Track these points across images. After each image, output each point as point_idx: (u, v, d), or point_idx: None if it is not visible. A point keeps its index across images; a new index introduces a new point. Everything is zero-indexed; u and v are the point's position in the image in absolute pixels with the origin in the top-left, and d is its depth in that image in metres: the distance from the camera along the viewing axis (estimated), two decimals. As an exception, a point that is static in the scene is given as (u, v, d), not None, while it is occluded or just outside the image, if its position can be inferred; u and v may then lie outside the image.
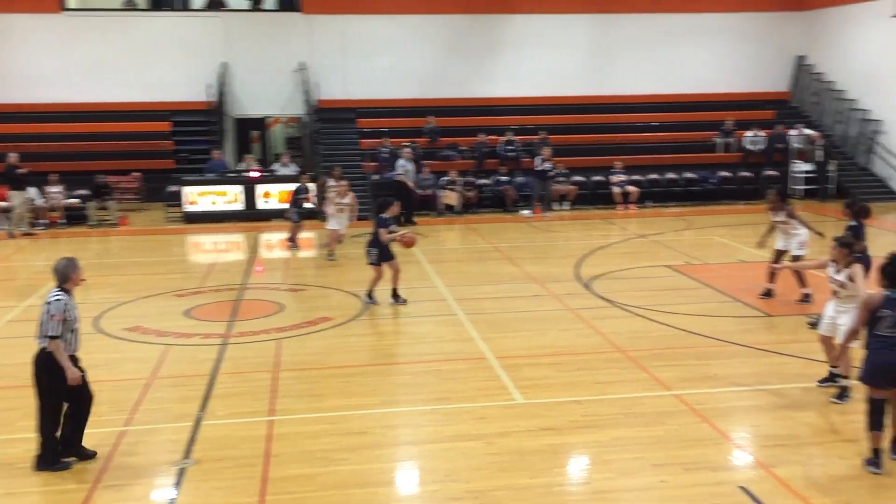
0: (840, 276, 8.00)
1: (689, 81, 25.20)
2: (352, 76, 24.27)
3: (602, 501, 6.22)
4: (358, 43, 24.24)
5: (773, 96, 25.83)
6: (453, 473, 6.67)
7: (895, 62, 22.12)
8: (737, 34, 25.43)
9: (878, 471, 6.45)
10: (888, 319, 6.36)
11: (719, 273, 13.79)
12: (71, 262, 6.83)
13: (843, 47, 24.23)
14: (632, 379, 8.76)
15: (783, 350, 9.64)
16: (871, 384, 6.48)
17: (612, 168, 22.12)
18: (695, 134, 24.10)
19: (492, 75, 24.83)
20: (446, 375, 9.06)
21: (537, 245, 17.41)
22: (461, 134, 23.30)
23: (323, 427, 7.62)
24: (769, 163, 22.88)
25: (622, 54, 25.11)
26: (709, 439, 7.24)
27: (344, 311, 11.75)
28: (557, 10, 24.84)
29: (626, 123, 24.68)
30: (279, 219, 20.28)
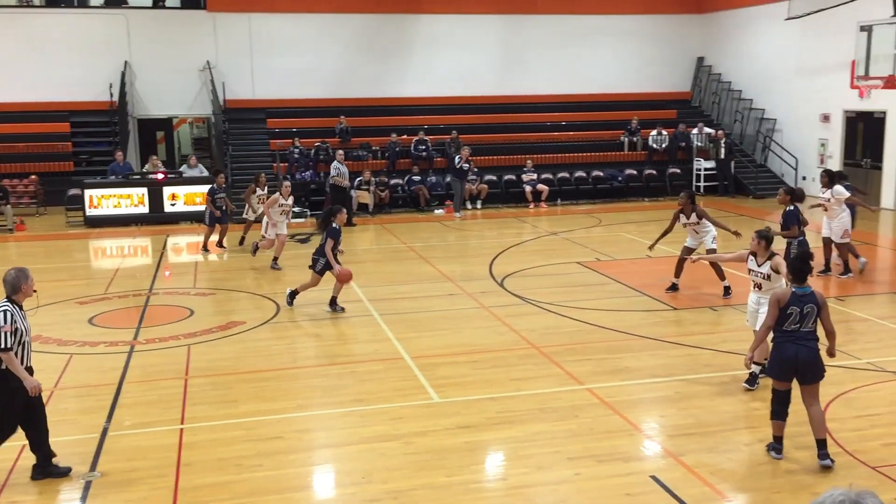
0: (763, 268, 8.23)
1: (595, 82, 25.79)
2: (260, 76, 23.88)
3: (519, 496, 6.30)
4: (266, 42, 23.87)
5: (675, 96, 26.68)
6: (371, 475, 6.65)
7: (789, 63, 23.16)
8: (641, 36, 26.16)
9: (778, 456, 6.73)
10: (794, 316, 6.53)
11: (628, 268, 14.16)
12: (21, 273, 6.54)
13: (739, 49, 25.22)
14: (546, 374, 8.90)
15: (689, 342, 9.96)
16: (775, 377, 6.72)
17: (523, 167, 22.44)
18: (602, 133, 24.68)
19: (403, 75, 24.84)
20: (362, 377, 9.02)
21: (451, 244, 17.51)
22: (373, 134, 23.22)
23: (236, 433, 7.48)
24: (672, 161, 23.62)
25: (531, 55, 25.50)
26: (620, 431, 7.42)
27: (257, 315, 11.56)
28: (467, 11, 25.03)
29: (536, 123, 25.07)
30: (188, 221, 19.84)
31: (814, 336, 6.58)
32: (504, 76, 25.43)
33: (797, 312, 6.53)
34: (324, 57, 24.15)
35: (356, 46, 24.47)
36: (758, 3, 24.03)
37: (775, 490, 6.33)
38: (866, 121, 20.92)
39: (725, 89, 25.72)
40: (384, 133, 22.93)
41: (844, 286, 12.70)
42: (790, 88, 23.10)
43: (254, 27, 23.83)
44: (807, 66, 22.45)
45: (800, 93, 22.71)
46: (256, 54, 23.86)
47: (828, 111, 21.87)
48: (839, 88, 19.93)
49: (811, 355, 6.51)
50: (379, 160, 22.53)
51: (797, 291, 6.61)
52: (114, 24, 23.23)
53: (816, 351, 6.55)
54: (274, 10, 23.89)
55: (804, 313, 6.53)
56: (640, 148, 24.02)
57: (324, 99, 24.26)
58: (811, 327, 6.57)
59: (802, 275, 6.67)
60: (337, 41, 24.34)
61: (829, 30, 20.75)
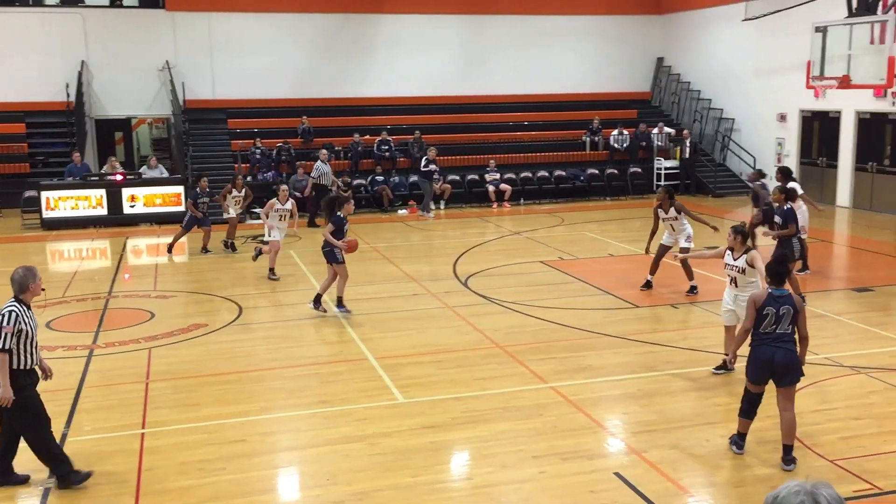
0: (739, 262, 8.32)
1: (557, 82, 25.96)
2: (221, 76, 23.65)
3: (483, 495, 6.31)
4: (226, 41, 23.64)
5: (635, 96, 26.95)
6: (335, 476, 6.62)
7: (746, 64, 23.52)
8: (601, 36, 26.38)
9: (739, 451, 6.81)
10: (770, 317, 6.55)
11: (590, 267, 14.27)
12: (30, 272, 6.41)
13: (698, 49, 25.56)
14: (510, 373, 8.93)
15: (650, 339, 10.07)
16: (751, 379, 6.70)
17: (485, 167, 22.50)
18: (564, 133, 24.84)
19: (365, 75, 24.76)
20: (326, 378, 8.97)
21: (414, 244, 17.50)
22: (335, 134, 23.12)
23: (199, 437, 7.40)
24: (634, 160, 23.86)
25: (493, 55, 25.57)
26: (584, 428, 7.47)
27: (219, 317, 11.44)
28: (429, 11, 25.04)
29: (499, 123, 25.15)
30: (148, 223, 19.58)
31: (790, 338, 6.56)
32: (466, 76, 25.48)
33: (773, 314, 6.53)
34: (285, 57, 23.99)
35: (318, 46, 24.35)
36: (716, 4, 24.37)
37: (737, 484, 6.43)
38: (822, 120, 21.32)
39: (685, 89, 26.04)
40: (347, 133, 22.84)
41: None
42: (748, 88, 23.46)
43: (214, 26, 23.59)
44: (764, 66, 22.82)
45: (757, 93, 23.07)
46: (217, 54, 23.62)
47: (784, 111, 22.26)
48: (795, 88, 20.28)
49: (787, 357, 6.50)
50: (341, 160, 22.42)
51: (774, 293, 6.61)
52: (70, 23, 22.83)
53: (793, 353, 6.54)
54: (234, 9, 23.67)
55: (780, 315, 6.52)
56: (601, 147, 24.22)
57: (285, 99, 24.10)
58: (788, 329, 6.54)
59: (780, 277, 6.68)
60: (298, 41, 24.19)
61: (785, 31, 21.11)
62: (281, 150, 21.86)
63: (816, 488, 2.13)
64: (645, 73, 27.20)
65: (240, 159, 21.58)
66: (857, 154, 20.30)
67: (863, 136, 20.20)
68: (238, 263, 15.32)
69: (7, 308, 6.25)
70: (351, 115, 24.16)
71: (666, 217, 12.00)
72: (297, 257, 15.49)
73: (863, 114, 20.06)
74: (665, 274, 12.47)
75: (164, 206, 19.92)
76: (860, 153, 20.25)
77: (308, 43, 24.29)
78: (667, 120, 25.35)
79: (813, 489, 2.13)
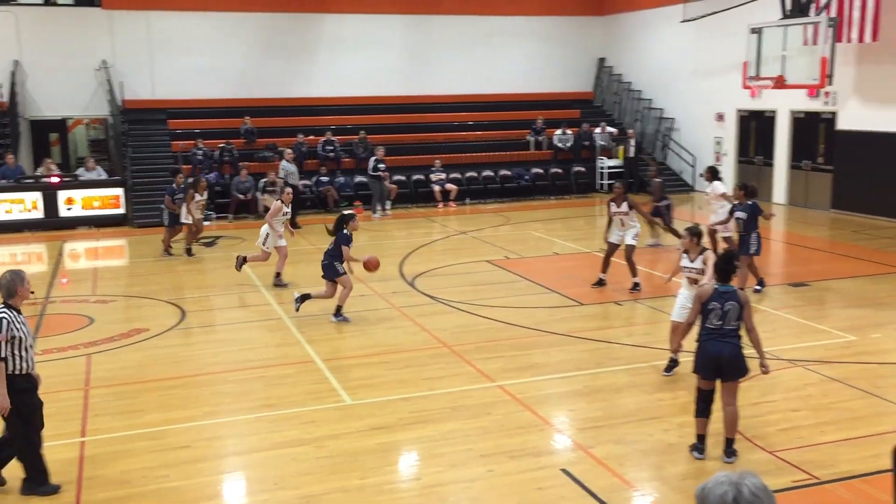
0: (696, 263, 8.40)
1: (501, 82, 26.10)
2: (160, 75, 23.20)
3: (433, 495, 6.32)
4: (165, 40, 23.20)
5: (578, 96, 27.25)
6: (282, 480, 6.55)
7: (685, 64, 23.97)
8: (544, 37, 26.62)
9: (700, 456, 6.77)
10: (716, 312, 6.63)
11: (536, 266, 14.39)
12: (17, 275, 6.21)
13: (639, 50, 25.96)
14: (458, 373, 8.95)
15: (596, 336, 10.20)
16: (699, 374, 6.77)
17: (431, 167, 22.51)
18: (508, 133, 24.99)
19: (309, 75, 24.57)
20: (272, 381, 8.88)
21: (360, 245, 17.35)
22: (279, 135, 22.88)
23: (142, 444, 7.25)
24: (577, 159, 24.12)
25: (437, 55, 25.61)
26: (531, 426, 7.53)
27: (161, 321, 11.22)
28: (373, 11, 24.95)
29: (444, 123, 25.20)
30: (86, 226, 19.12)
31: (736, 334, 6.64)
32: (411, 76, 25.46)
33: (718, 308, 6.60)
34: (226, 56, 23.66)
35: (260, 46, 24.07)
36: (655, 5, 24.79)
37: (681, 478, 6.54)
38: (758, 119, 21.85)
39: (626, 89, 26.43)
40: (290, 134, 22.61)
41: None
42: (687, 88, 23.92)
43: (152, 25, 23.12)
44: (702, 67, 23.30)
45: (696, 93, 23.54)
46: (156, 53, 23.16)
47: (722, 110, 22.75)
48: (732, 89, 20.73)
49: (734, 352, 6.58)
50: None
51: (719, 289, 6.70)
52: (2, 22, 22.12)
53: (739, 348, 6.62)
54: (173, 7, 23.24)
55: (725, 310, 6.60)
56: (545, 147, 24.43)
57: (227, 99, 23.76)
58: (734, 325, 6.62)
59: (726, 274, 6.75)
60: (240, 40, 23.88)
61: (722, 32, 21.58)
62: (223, 151, 21.54)
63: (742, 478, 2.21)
64: (587, 73, 27.52)
65: (181, 160, 21.20)
66: (792, 152, 20.86)
67: (797, 135, 20.76)
68: (181, 266, 15.06)
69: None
70: (295, 115, 23.93)
71: (617, 211, 12.19)
72: (241, 259, 15.30)
73: (797, 113, 20.62)
74: (610, 271, 12.62)
75: (102, 209, 19.48)
76: (795, 151, 20.80)
77: (250, 42, 24.00)
78: (609, 120, 25.69)
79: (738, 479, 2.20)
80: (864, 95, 18.63)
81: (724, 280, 6.75)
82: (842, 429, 7.34)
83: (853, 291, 12.26)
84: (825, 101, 19.49)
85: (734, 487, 2.19)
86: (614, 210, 12.25)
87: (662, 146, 24.85)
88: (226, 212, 20.27)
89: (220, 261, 15.40)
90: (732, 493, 2.19)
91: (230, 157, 21.46)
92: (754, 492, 2.18)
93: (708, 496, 2.22)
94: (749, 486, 2.19)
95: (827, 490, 6.25)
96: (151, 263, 15.21)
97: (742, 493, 2.18)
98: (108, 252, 17.41)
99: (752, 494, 2.17)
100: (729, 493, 2.19)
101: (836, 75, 16.54)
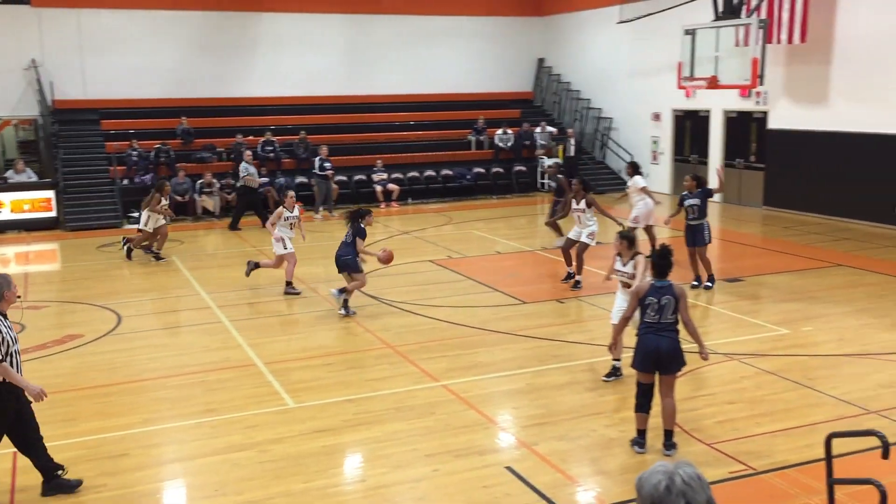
0: (628, 267, 8.43)
1: (442, 82, 26.16)
2: (92, 74, 22.62)
3: (378, 497, 6.29)
4: (97, 39, 22.62)
5: (518, 96, 27.48)
6: (224, 486, 6.45)
7: (622, 65, 24.35)
8: (484, 37, 26.76)
9: (641, 450, 6.88)
10: (653, 306, 6.74)
11: (478, 265, 14.45)
12: (4, 279, 6.01)
13: (577, 51, 26.29)
14: (402, 373, 8.94)
15: (538, 334, 10.29)
16: (638, 369, 6.86)
17: (373, 167, 22.43)
18: (450, 132, 25.05)
19: (247, 75, 24.24)
20: (213, 386, 8.73)
21: (302, 246, 17.20)
22: (217, 135, 22.53)
23: (78, 453, 7.06)
24: (518, 159, 24.31)
25: (378, 55, 25.53)
26: (476, 425, 7.56)
27: (96, 327, 10.95)
28: (311, 10, 24.74)
29: (385, 123, 25.13)
30: (15, 230, 18.54)
31: (674, 328, 6.76)
32: (351, 76, 25.33)
33: (655, 303, 6.71)
34: (161, 55, 23.19)
35: (196, 45, 23.65)
36: (592, 6, 25.12)
37: (622, 472, 6.64)
38: (693, 119, 22.32)
39: (565, 89, 26.74)
40: (229, 134, 22.28)
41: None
42: (624, 88, 24.30)
43: (84, 23, 22.53)
44: (638, 67, 23.69)
45: (633, 93, 23.94)
46: (87, 52, 22.57)
47: (658, 110, 23.18)
48: (668, 89, 21.10)
49: (672, 346, 6.69)
50: (224, 162, 21.87)
51: (656, 284, 6.81)
52: (-77, 17, 21.34)
53: (677, 342, 6.74)
54: (104, 5, 22.68)
55: (662, 304, 6.70)
56: (486, 147, 24.56)
57: (162, 99, 23.29)
58: (671, 319, 6.73)
59: (662, 270, 6.86)
60: (175, 39, 23.43)
61: (657, 33, 21.98)
62: (159, 152, 21.13)
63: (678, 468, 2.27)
64: (527, 73, 27.76)
65: (115, 162, 20.71)
66: (725, 151, 21.36)
67: (730, 134, 21.27)
68: (115, 270, 14.72)
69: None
70: (233, 115, 23.59)
71: (576, 208, 12.46)
72: (178, 262, 15.02)
73: (730, 113, 21.12)
74: (550, 270, 12.75)
75: (32, 212, 18.95)
76: (728, 150, 21.31)
77: (185, 41, 23.56)
78: (549, 119, 25.95)
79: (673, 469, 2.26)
80: (794, 95, 19.19)
81: (660, 276, 6.86)
82: (776, 420, 7.54)
83: (785, 286, 12.62)
84: (757, 100, 20.01)
85: (667, 477, 2.25)
86: (574, 206, 12.49)
87: (601, 145, 25.21)
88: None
89: (156, 264, 15.08)
90: (665, 482, 2.25)
91: (166, 157, 21.06)
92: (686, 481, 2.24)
93: (644, 485, 2.29)
94: (682, 475, 2.25)
95: (763, 480, 6.41)
96: (85, 268, 14.82)
97: (674, 482, 2.24)
98: (40, 256, 16.91)
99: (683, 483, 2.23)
100: (662, 482, 2.25)
101: (767, 76, 17.01)
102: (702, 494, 2.23)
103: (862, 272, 13.32)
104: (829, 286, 12.46)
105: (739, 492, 6.25)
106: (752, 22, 16.23)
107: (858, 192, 17.67)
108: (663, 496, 2.23)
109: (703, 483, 2.25)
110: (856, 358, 9.22)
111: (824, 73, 18.24)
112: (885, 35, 16.82)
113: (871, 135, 17.32)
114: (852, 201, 17.86)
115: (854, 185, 17.75)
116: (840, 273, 13.31)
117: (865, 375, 8.67)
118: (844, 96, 17.91)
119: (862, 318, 10.72)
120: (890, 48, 16.76)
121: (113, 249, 15.55)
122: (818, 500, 5.93)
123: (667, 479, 2.25)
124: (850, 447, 6.42)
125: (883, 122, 17.04)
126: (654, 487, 2.25)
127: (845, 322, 10.59)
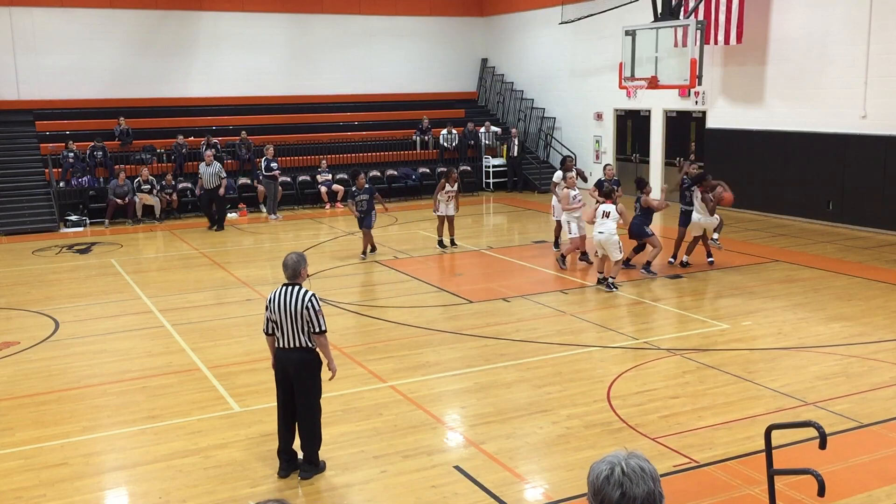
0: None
1: (386, 82, 26.10)
2: (26, 74, 21.99)
3: (327, 499, 6.24)
4: (30, 37, 22.00)
5: (462, 96, 27.56)
6: (168, 494, 6.32)
7: (564, 65, 24.61)
8: (427, 37, 26.78)
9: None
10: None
11: (424, 265, 14.44)
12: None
13: (520, 51, 26.47)
14: (349, 375, 8.87)
15: (484, 333, 10.32)
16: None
17: (317, 167, 22.26)
18: (394, 132, 24.99)
19: (187, 74, 23.84)
20: (155, 391, 8.56)
21: (246, 248, 17.02)
22: (157, 136, 22.11)
23: (14, 464, 6.85)
24: (463, 159, 24.37)
25: (320, 54, 25.35)
26: (424, 425, 7.55)
27: (32, 333, 10.64)
28: (251, 9, 24.45)
29: (329, 123, 24.96)
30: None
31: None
32: (293, 76, 25.11)
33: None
34: (97, 54, 22.66)
35: (134, 44, 23.17)
36: (534, 7, 25.33)
37: (569, 468, 6.70)
38: (634, 118, 22.66)
39: (509, 89, 26.90)
40: (169, 135, 21.89)
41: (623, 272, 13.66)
42: (566, 88, 24.56)
43: (16, 21, 21.89)
44: (580, 67, 23.97)
45: (575, 92, 24.20)
46: (20, 51, 21.93)
47: (600, 110, 23.48)
48: (609, 89, 21.41)
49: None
50: (165, 163, 21.47)
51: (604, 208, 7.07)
52: None
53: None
54: (37, 3, 22.07)
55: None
56: (431, 147, 24.57)
57: (100, 99, 22.78)
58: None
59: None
60: (112, 38, 22.91)
61: (598, 34, 22.26)
62: (94, 149, 20.61)
63: (625, 458, 2.30)
64: (470, 73, 27.85)
65: (50, 164, 20.17)
66: (665, 150, 21.74)
67: (670, 133, 21.65)
68: (52, 275, 14.33)
69: None
70: (173, 115, 23.18)
71: (450, 190, 13.06)
72: (118, 265, 14.69)
73: (670, 112, 21.50)
74: (498, 268, 12.80)
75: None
76: (669, 149, 21.69)
77: (122, 40, 23.06)
78: (493, 119, 26.08)
79: (620, 460, 2.30)
80: (731, 95, 19.62)
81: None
82: (718, 413, 7.69)
83: (725, 281, 12.89)
84: (695, 100, 20.41)
85: (610, 467, 2.29)
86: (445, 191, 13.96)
87: (545, 145, 25.42)
88: (101, 217, 19.43)
89: (94, 268, 14.74)
90: (606, 472, 2.29)
91: (102, 154, 20.53)
92: (626, 472, 2.28)
93: (590, 473, 2.34)
94: (624, 466, 2.29)
95: (706, 472, 6.54)
96: (20, 273, 14.40)
97: (614, 472, 2.28)
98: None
99: (622, 475, 2.27)
100: (604, 471, 2.29)
101: (705, 76, 17.33)
102: (641, 486, 2.26)
103: (798, 267, 13.68)
104: (767, 281, 12.76)
105: (683, 485, 6.35)
106: (690, 23, 16.54)
107: (794, 190, 18.16)
108: (602, 485, 2.28)
109: (647, 475, 2.28)
110: (794, 351, 9.46)
111: (760, 73, 18.69)
112: (818, 35, 17.31)
113: (805, 133, 17.80)
114: (788, 198, 18.34)
115: (790, 183, 18.22)
116: (777, 268, 13.65)
117: (803, 368, 8.90)
118: (780, 96, 18.38)
119: (799, 312, 11.01)
120: (823, 48, 17.25)
121: (49, 254, 15.13)
122: (759, 491, 6.07)
123: (608, 468, 2.29)
124: (789, 438, 6.60)
125: (817, 121, 17.52)
126: (596, 476, 2.30)
127: (783, 316, 10.86)
